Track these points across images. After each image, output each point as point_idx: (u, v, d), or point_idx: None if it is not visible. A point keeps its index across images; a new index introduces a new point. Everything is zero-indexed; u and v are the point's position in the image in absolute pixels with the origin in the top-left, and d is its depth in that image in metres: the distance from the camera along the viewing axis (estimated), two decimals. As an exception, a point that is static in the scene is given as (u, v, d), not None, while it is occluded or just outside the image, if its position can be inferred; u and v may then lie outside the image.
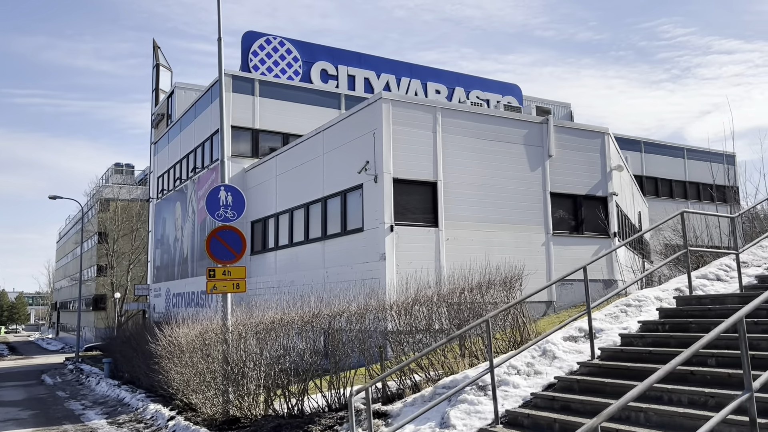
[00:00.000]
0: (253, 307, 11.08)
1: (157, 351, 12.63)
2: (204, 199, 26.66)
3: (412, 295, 10.40)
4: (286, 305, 10.04)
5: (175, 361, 11.60)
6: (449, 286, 10.84)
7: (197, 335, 10.74)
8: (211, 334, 10.29)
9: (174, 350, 11.58)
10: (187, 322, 12.16)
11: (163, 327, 12.74)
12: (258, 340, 9.67)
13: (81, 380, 21.94)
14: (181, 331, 11.39)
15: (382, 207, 15.41)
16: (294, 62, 27.93)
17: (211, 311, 22.26)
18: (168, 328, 12.43)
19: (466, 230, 16.45)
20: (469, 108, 17.21)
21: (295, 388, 9.53)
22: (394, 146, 15.74)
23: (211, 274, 10.29)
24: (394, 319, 9.93)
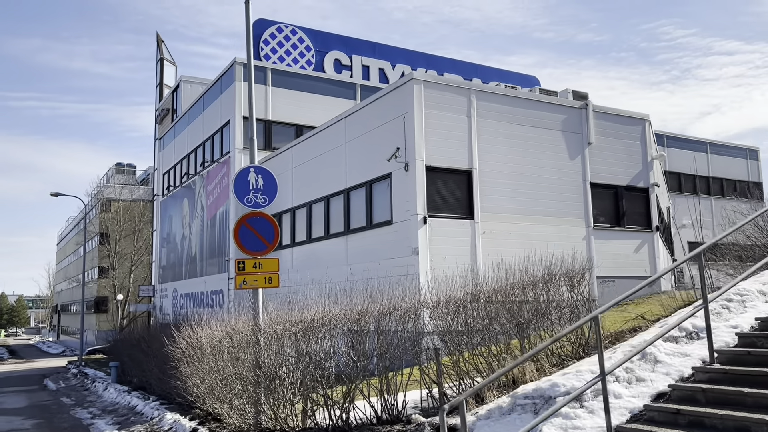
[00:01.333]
0: (286, 305, 9.85)
1: (174, 354, 11.41)
2: (213, 195, 25.52)
3: (458, 292, 9.20)
4: (326, 302, 8.81)
5: (196, 365, 10.38)
6: (504, 282, 9.61)
7: (223, 336, 9.51)
8: (241, 335, 9.06)
9: (195, 353, 10.36)
10: (209, 322, 10.94)
11: (181, 328, 11.53)
12: (296, 342, 8.45)
13: (86, 385, 20.69)
14: (202, 332, 10.16)
15: (414, 197, 14.20)
16: (306, 51, 26.74)
17: (223, 312, 21.07)
18: (187, 330, 11.21)
19: (503, 223, 15.24)
20: (505, 91, 16.01)
21: (339, 396, 8.30)
22: (426, 131, 14.53)
23: (241, 267, 9.06)
24: (449, 317, 8.71)
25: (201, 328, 10.58)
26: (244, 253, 9.33)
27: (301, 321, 8.49)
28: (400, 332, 8.43)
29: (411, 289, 10.75)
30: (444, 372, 8.18)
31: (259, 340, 8.85)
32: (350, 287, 13.00)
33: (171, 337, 12.09)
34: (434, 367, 8.54)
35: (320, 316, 8.43)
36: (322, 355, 8.35)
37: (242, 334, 8.98)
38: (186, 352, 10.89)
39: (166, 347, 12.45)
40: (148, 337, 15.89)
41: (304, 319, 8.56)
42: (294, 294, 14.34)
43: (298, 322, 8.51)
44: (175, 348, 11.37)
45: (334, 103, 24.42)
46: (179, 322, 15.40)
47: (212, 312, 21.69)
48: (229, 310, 19.87)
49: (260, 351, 8.76)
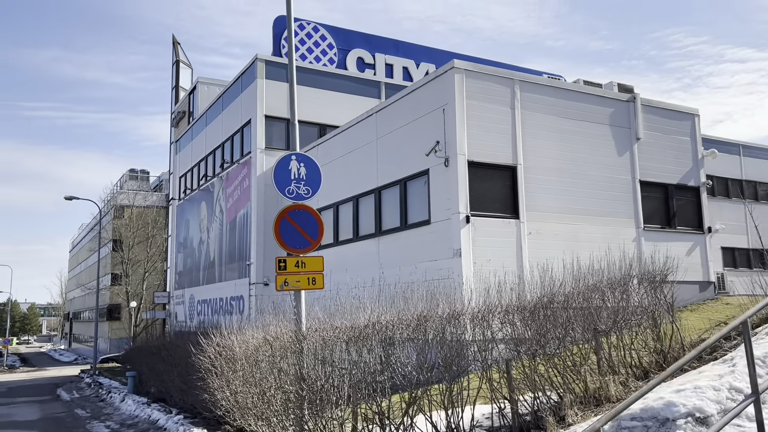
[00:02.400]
0: (328, 309, 8.82)
1: (201, 364, 10.39)
2: (233, 197, 24.61)
3: (527, 296, 8.15)
4: (379, 306, 7.77)
5: (227, 376, 9.35)
6: (576, 285, 8.54)
7: (260, 344, 8.48)
8: (283, 343, 8.03)
9: (226, 363, 9.33)
10: (242, 328, 9.93)
11: (208, 335, 10.52)
12: (346, 351, 7.40)
13: (101, 396, 19.73)
14: (236, 339, 9.14)
15: (456, 194, 13.16)
16: (329, 49, 25.86)
17: (243, 319, 20.06)
18: (216, 336, 10.20)
19: (550, 223, 14.16)
20: (549, 81, 14.97)
21: (396, 413, 7.25)
22: (468, 124, 13.51)
23: (282, 266, 8.04)
24: (519, 324, 7.65)
25: (233, 334, 9.56)
26: (285, 251, 8.31)
27: (352, 327, 7.45)
28: (465, 340, 7.37)
29: (454, 293, 9.71)
30: (522, 384, 7.11)
31: (302, 348, 7.81)
32: (383, 292, 12.00)
33: (197, 345, 11.10)
34: (501, 379, 7.48)
35: (373, 321, 7.39)
36: (377, 366, 7.30)
37: (285, 341, 7.94)
38: (215, 361, 9.88)
39: (191, 356, 11.45)
40: (170, 346, 14.90)
41: (356, 325, 7.51)
42: (321, 299, 13.27)
43: (348, 329, 7.47)
44: (203, 357, 10.36)
45: (359, 102, 23.49)
46: (203, 329, 14.42)
47: (232, 319, 20.72)
48: (250, 316, 18.90)
49: (304, 361, 7.72)
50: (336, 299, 9.17)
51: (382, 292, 10.68)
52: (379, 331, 7.37)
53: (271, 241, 22.30)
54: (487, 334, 7.35)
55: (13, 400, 20.78)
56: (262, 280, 21.29)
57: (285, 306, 18.88)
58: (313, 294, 17.53)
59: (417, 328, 7.19)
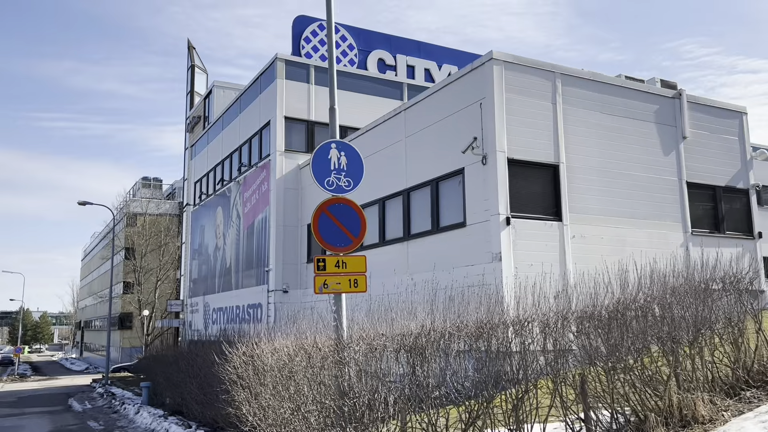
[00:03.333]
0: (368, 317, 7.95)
1: (224, 375, 9.55)
2: (251, 202, 23.86)
3: (603, 301, 7.22)
4: (431, 312, 6.89)
5: (255, 389, 8.48)
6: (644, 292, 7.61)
7: (295, 353, 7.62)
8: (321, 353, 7.16)
9: (254, 374, 8.47)
10: (272, 335, 9.09)
11: (234, 344, 9.69)
12: (396, 362, 6.53)
13: (114, 407, 18.90)
14: (265, 348, 8.29)
15: (495, 194, 12.28)
16: (349, 50, 25.15)
17: (261, 327, 19.19)
18: (243, 345, 9.37)
19: (594, 226, 13.24)
20: (592, 75, 14.09)
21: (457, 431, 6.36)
22: (507, 119, 12.66)
23: (320, 266, 7.18)
24: (593, 334, 6.73)
25: (262, 342, 8.72)
26: (324, 248, 7.46)
27: (403, 336, 6.57)
28: (535, 351, 6.47)
29: (494, 300, 8.80)
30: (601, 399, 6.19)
31: (344, 359, 6.94)
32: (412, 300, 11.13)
33: (220, 354, 10.28)
34: (572, 395, 6.57)
35: (427, 329, 6.50)
36: (431, 380, 6.41)
37: (325, 351, 7.07)
38: (242, 372, 9.04)
39: (213, 366, 10.62)
40: (188, 355, 14.06)
41: (406, 332, 6.63)
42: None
43: (398, 338, 6.59)
44: (228, 367, 9.52)
45: (380, 104, 22.70)
46: (224, 337, 13.59)
47: (250, 327, 19.86)
48: (270, 324, 18.04)
49: (346, 373, 6.85)
50: (379, 304, 8.30)
51: (414, 297, 9.83)
52: (435, 340, 6.49)
53: (290, 246, 21.57)
54: (559, 343, 6.44)
55: (23, 411, 20.02)
56: (281, 287, 20.47)
57: (306, 313, 17.94)
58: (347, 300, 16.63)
59: (478, 337, 6.29)
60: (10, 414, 19.41)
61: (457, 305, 7.58)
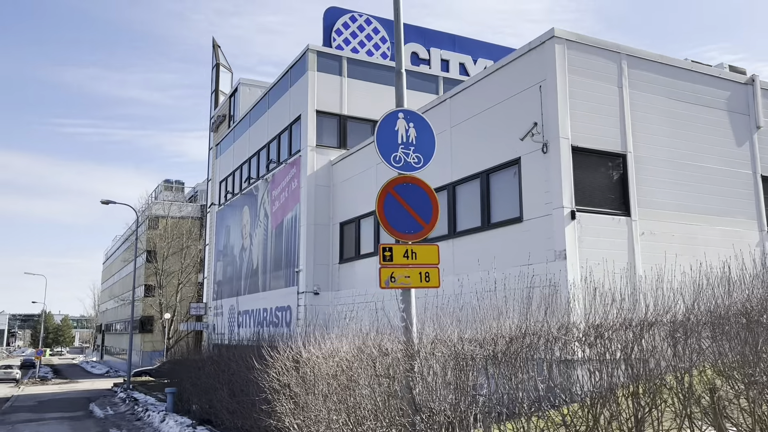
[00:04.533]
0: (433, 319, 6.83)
1: (264, 382, 8.50)
2: (280, 200, 22.91)
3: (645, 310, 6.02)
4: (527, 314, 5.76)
5: (303, 398, 7.41)
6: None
7: (353, 358, 6.53)
8: (387, 360, 6.05)
9: (303, 382, 7.40)
10: (320, 337, 8.03)
11: (276, 348, 8.66)
12: (484, 371, 5.40)
13: (137, 413, 17.97)
14: (317, 353, 7.21)
15: (558, 185, 11.11)
16: (382, 43, 24.15)
17: (290, 330, 18.15)
18: (285, 350, 8.33)
19: (664, 222, 12.00)
20: (659, 57, 12.87)
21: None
22: (570, 103, 11.50)
23: (387, 256, 6.10)
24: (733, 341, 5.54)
25: (311, 345, 7.65)
26: (390, 236, 6.38)
27: (494, 340, 5.44)
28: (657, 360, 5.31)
29: (558, 303, 7.62)
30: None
31: (414, 366, 5.84)
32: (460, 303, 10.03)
33: (260, 359, 9.25)
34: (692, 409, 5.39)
35: (521, 332, 5.37)
36: (527, 393, 5.27)
37: (396, 356, 5.96)
38: (285, 379, 7.98)
39: (249, 371, 9.59)
40: (218, 359, 13.05)
41: (496, 336, 5.51)
42: (380, 311, 11.22)
43: (487, 343, 5.46)
44: (270, 373, 8.48)
45: (414, 97, 21.53)
46: (259, 340, 12.57)
47: (281, 331, 18.84)
48: (301, 327, 16.99)
49: (418, 383, 5.74)
50: (425, 307, 7.19)
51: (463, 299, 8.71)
52: (529, 346, 5.35)
53: (322, 246, 20.51)
54: (687, 351, 5.26)
55: (43, 416, 19.21)
56: (312, 288, 19.43)
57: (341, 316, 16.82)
58: (370, 305, 15.51)
59: (593, 343, 5.14)
60: (29, 419, 18.60)
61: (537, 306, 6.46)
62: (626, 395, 5.17)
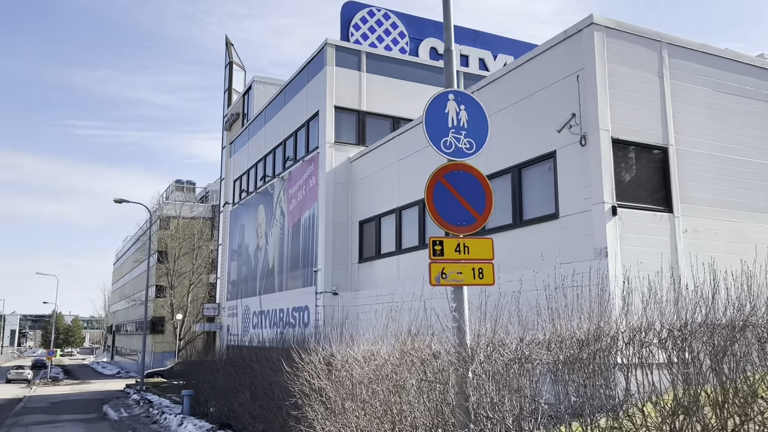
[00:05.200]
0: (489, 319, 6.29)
1: (296, 387, 7.99)
2: (297, 198, 22.44)
3: None
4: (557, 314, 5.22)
5: (339, 404, 6.89)
6: None
7: (398, 361, 6.00)
8: (436, 362, 5.52)
9: (340, 387, 6.89)
10: (350, 340, 7.52)
11: (307, 350, 8.16)
12: (551, 379, 4.86)
13: (153, 416, 17.53)
14: (356, 355, 6.69)
15: (599, 179, 10.55)
16: (400, 38, 23.65)
17: (308, 331, 17.62)
18: (318, 351, 7.82)
19: (708, 219, 11.40)
20: (701, 46, 12.28)
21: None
22: (611, 93, 10.93)
23: (437, 251, 5.59)
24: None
25: (348, 347, 7.13)
26: (440, 227, 5.86)
27: (560, 343, 4.90)
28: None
29: (600, 303, 7.05)
30: None
31: (469, 370, 5.30)
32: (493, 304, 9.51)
33: (287, 360, 8.75)
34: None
35: (592, 335, 4.82)
36: (605, 401, 4.72)
37: (449, 359, 5.43)
38: (317, 383, 7.47)
39: (278, 374, 9.10)
40: (241, 360, 12.56)
41: (557, 339, 4.96)
42: (400, 312, 10.68)
43: (551, 346, 4.92)
44: (298, 376, 7.97)
45: (432, 93, 21.06)
46: (284, 342, 12.07)
47: (296, 332, 18.33)
48: (326, 328, 16.46)
49: (474, 389, 5.21)
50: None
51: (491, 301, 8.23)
52: (605, 348, 4.80)
53: (341, 245, 19.98)
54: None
55: (57, 418, 18.82)
56: (330, 288, 18.93)
57: (362, 317, 16.28)
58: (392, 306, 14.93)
59: (678, 346, 4.59)
60: (42, 421, 18.22)
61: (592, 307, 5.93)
62: (712, 403, 4.61)
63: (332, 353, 7.81)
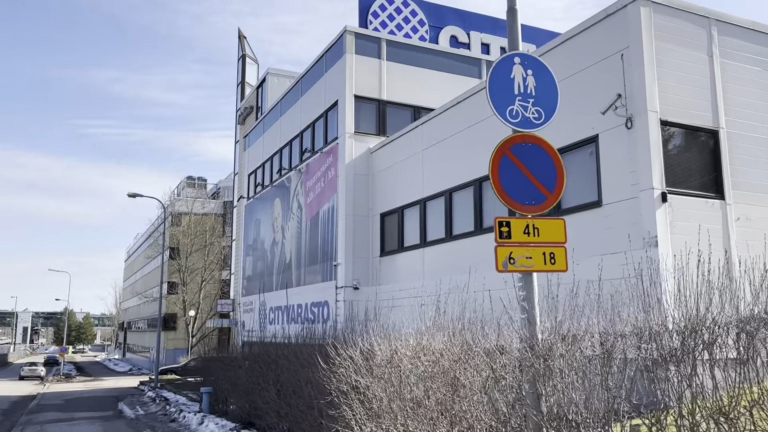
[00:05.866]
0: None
1: (332, 385, 7.42)
2: (315, 190, 21.89)
3: None
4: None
5: (384, 404, 6.32)
6: None
7: (459, 356, 5.40)
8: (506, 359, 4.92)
9: (386, 384, 6.31)
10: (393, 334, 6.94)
11: (345, 344, 7.60)
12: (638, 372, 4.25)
13: (171, 414, 17.05)
14: (404, 350, 6.10)
15: (647, 164, 9.89)
16: (420, 26, 23.01)
17: (326, 327, 17.06)
18: (356, 346, 7.26)
19: (762, 206, 10.72)
20: (753, 24, 11.58)
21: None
22: (658, 73, 10.28)
23: (504, 232, 4.99)
24: None
25: (390, 339, 6.55)
26: (507, 206, 5.25)
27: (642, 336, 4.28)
28: None
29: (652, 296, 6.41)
30: None
31: (543, 367, 4.69)
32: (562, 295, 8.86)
33: (319, 356, 8.20)
34: None
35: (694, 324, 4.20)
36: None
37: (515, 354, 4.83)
38: (355, 379, 6.90)
39: (311, 369, 8.55)
40: (266, 357, 12.00)
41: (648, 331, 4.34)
42: (447, 303, 10.11)
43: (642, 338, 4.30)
44: (335, 373, 7.40)
45: (455, 82, 20.49)
46: (312, 337, 11.51)
47: (314, 328, 17.77)
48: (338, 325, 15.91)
49: (549, 387, 4.60)
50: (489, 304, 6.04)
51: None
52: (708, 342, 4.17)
53: (361, 238, 19.37)
54: None
55: (73, 416, 18.39)
56: (351, 283, 18.36)
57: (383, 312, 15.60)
58: (413, 300, 14.32)
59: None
60: (58, 419, 17.80)
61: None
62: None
63: (372, 347, 7.23)
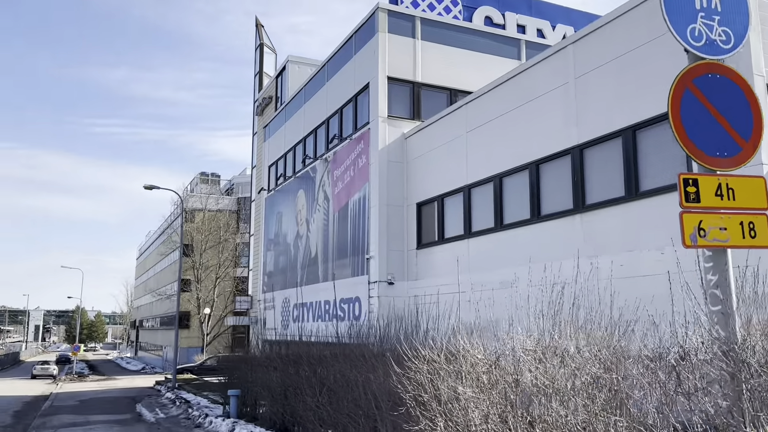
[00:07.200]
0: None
1: (403, 391, 6.15)
2: (343, 180, 20.62)
3: None
4: None
5: (502, 424, 5.03)
6: None
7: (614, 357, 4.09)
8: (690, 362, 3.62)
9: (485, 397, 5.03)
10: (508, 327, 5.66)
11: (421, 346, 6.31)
12: None
13: (194, 418, 15.84)
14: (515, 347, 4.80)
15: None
16: (453, 6, 21.68)
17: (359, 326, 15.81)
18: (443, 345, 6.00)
19: None
20: None
21: None
22: (762, 30, 8.93)
23: (691, 194, 3.71)
24: None
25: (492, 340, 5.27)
26: (692, 157, 3.96)
27: None
28: None
29: None
30: None
31: (738, 369, 3.37)
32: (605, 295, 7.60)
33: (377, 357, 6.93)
34: None
35: None
36: None
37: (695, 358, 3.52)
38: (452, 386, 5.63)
39: (356, 371, 7.31)
40: (307, 358, 10.72)
41: None
42: (476, 302, 8.87)
43: None
44: (410, 378, 6.13)
45: (493, 63, 19.21)
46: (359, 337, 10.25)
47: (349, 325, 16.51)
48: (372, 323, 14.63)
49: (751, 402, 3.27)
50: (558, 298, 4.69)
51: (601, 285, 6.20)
52: None
53: (396, 230, 17.97)
54: None
55: (88, 419, 17.25)
56: (385, 277, 17.09)
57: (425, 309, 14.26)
58: (455, 296, 13.00)
59: None
60: (73, 422, 16.66)
61: None
62: None
63: (457, 350, 5.94)
